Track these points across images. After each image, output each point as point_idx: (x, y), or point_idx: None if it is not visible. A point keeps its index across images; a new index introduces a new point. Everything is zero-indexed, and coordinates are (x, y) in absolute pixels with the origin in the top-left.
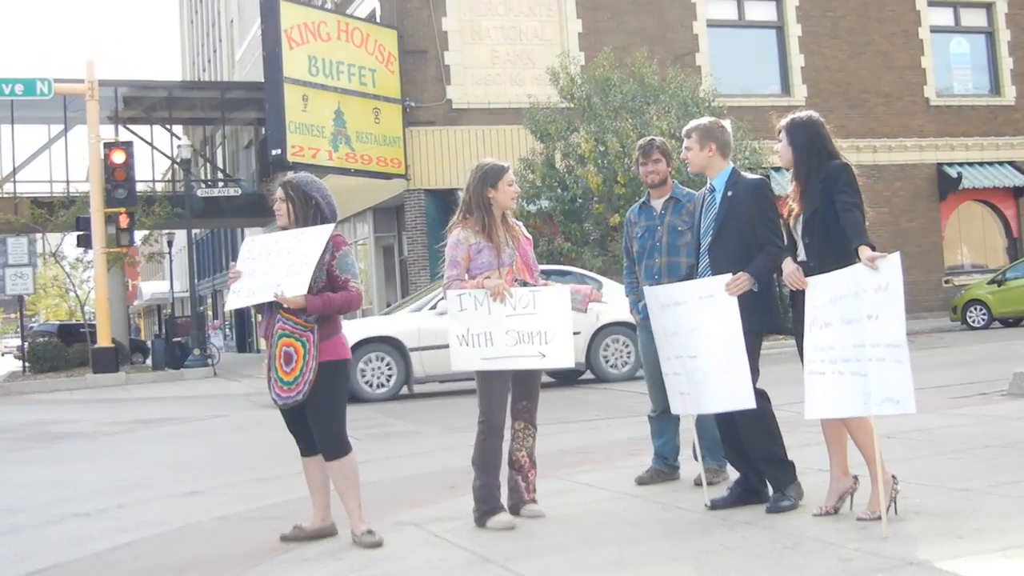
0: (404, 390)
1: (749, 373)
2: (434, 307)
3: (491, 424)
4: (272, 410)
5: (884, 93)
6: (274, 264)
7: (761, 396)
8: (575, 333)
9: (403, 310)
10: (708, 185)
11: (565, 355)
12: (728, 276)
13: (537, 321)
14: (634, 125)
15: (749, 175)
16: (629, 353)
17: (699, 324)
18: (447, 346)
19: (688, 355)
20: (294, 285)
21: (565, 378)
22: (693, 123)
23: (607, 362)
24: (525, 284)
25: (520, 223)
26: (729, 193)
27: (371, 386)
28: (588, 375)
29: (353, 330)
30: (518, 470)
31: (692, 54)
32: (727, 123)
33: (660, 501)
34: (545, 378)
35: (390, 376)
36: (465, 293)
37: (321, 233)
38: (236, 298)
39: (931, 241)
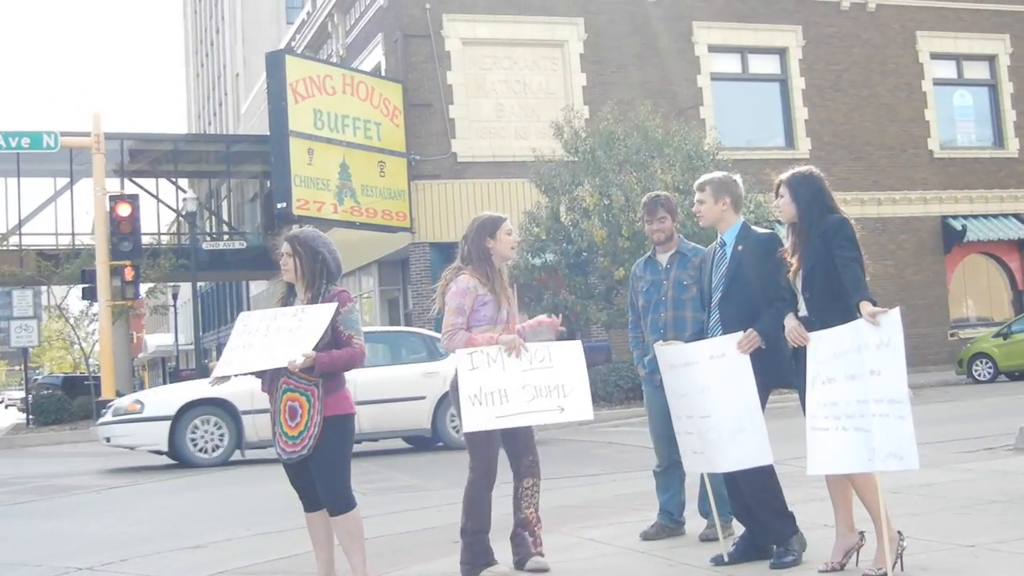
0: (237, 455)
1: (765, 430)
2: None
3: (487, 473)
4: (275, 463)
5: (888, 146)
6: (272, 340)
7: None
8: (420, 398)
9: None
10: (719, 239)
11: (584, 408)
12: (739, 335)
13: (555, 375)
14: (638, 178)
15: (760, 230)
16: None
17: (711, 384)
18: None
19: (700, 415)
20: (294, 354)
21: (423, 444)
22: (707, 176)
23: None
24: None
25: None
26: (739, 248)
27: (202, 451)
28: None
29: (180, 392)
30: (525, 526)
31: (696, 107)
32: (739, 177)
33: (665, 557)
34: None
35: (222, 440)
36: (476, 351)
37: (325, 312)
38: (226, 367)
39: (936, 294)
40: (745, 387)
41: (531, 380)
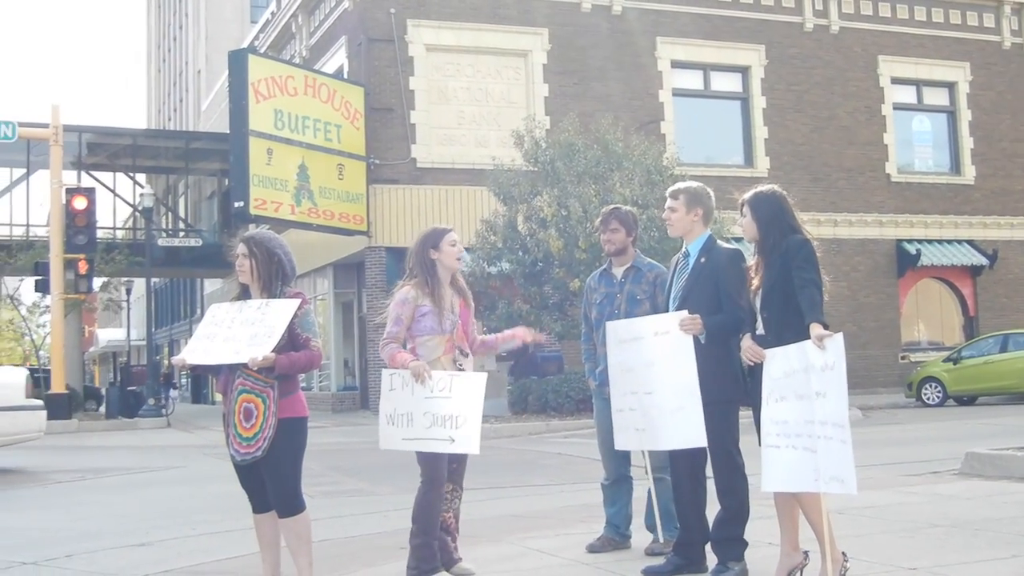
0: None
1: (702, 411)
2: None
3: (435, 480)
4: (224, 463)
5: (846, 168)
6: (235, 333)
7: (742, 477)
8: None
9: None
10: (683, 250)
11: (472, 442)
12: (683, 313)
13: (451, 405)
14: (597, 191)
15: (725, 245)
16: None
17: (655, 360)
18: None
19: (644, 391)
20: (256, 353)
21: None
22: (682, 185)
23: None
24: (463, 353)
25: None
26: (702, 260)
27: None
28: None
29: None
30: (445, 530)
31: (657, 122)
32: (711, 191)
33: (610, 570)
34: None
35: None
36: (395, 373)
37: (287, 307)
38: (190, 355)
39: (889, 317)
40: (686, 366)
41: (430, 408)
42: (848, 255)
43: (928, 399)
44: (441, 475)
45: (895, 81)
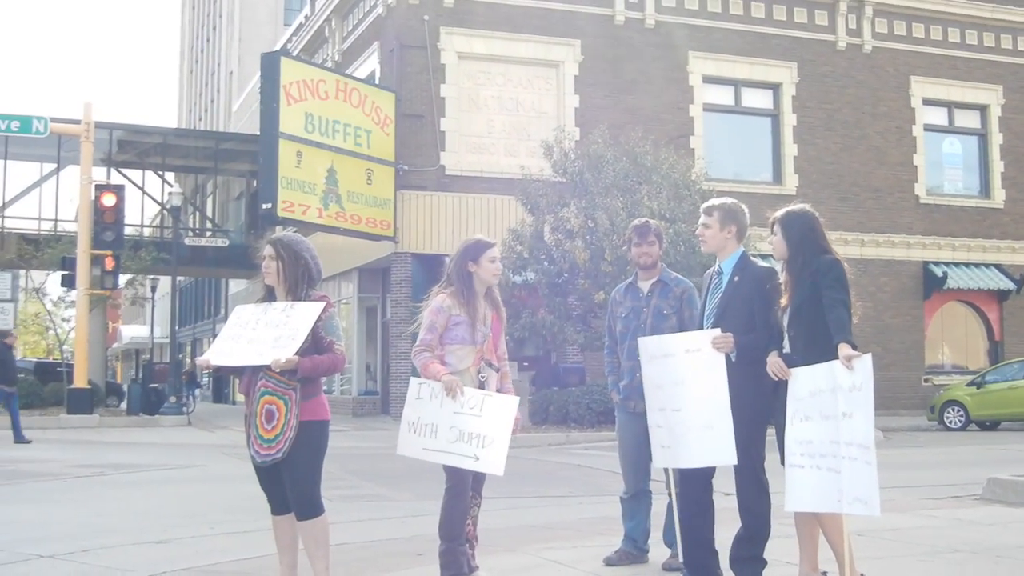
0: None
1: (732, 430)
2: None
3: (459, 489)
4: (244, 463)
5: (875, 188)
6: (259, 334)
7: (767, 496)
8: None
9: None
10: (716, 267)
11: (497, 463)
12: (715, 331)
13: (480, 424)
14: (624, 204)
15: (759, 263)
16: None
17: (685, 377)
18: None
19: (672, 408)
20: (279, 355)
21: None
22: (717, 201)
23: None
24: (491, 365)
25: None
26: (736, 278)
27: None
28: None
29: None
30: (466, 539)
31: (687, 136)
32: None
33: None
34: None
35: None
36: (425, 383)
37: (312, 310)
38: (216, 357)
39: (913, 339)
40: (717, 384)
41: (458, 423)
42: (874, 275)
43: (950, 423)
44: (466, 484)
45: (927, 102)
